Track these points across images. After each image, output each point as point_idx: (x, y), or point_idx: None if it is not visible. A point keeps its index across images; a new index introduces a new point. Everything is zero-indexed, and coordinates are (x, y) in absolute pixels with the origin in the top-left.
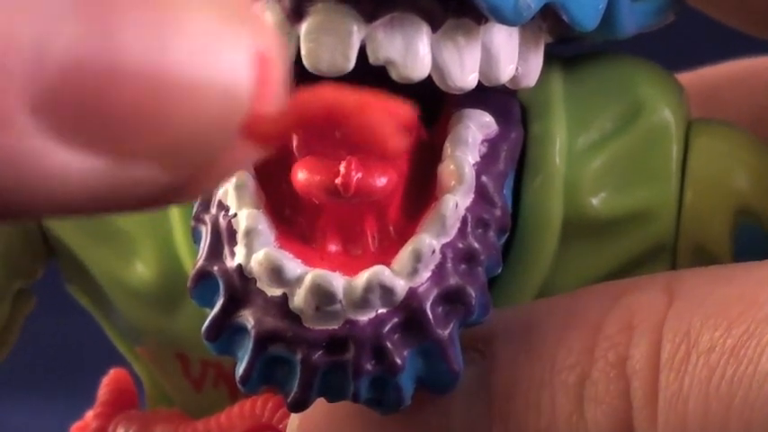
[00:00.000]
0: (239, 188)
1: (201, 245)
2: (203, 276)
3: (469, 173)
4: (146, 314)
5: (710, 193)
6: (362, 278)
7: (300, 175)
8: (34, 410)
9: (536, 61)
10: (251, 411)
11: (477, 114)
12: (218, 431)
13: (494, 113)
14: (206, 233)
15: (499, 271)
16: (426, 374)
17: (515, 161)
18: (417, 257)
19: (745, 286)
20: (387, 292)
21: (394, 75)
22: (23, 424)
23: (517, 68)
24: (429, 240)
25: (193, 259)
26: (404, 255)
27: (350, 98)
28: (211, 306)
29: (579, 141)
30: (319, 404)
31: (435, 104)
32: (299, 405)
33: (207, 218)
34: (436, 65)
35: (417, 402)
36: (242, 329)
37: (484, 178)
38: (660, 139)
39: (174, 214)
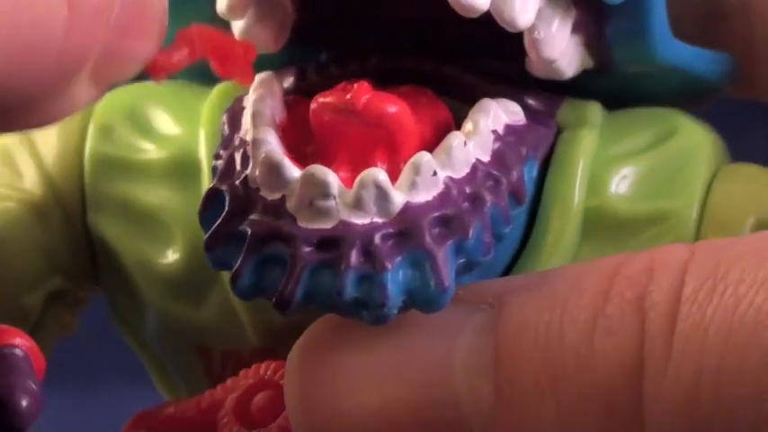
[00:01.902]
0: (255, 115)
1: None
2: (213, 197)
3: (485, 129)
4: (173, 303)
5: (733, 203)
6: (358, 177)
7: (314, 104)
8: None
9: (561, 34)
10: (254, 372)
11: (507, 102)
12: (223, 394)
13: (528, 117)
14: (221, 165)
15: (506, 230)
16: (415, 287)
17: (540, 153)
18: (416, 170)
19: None
20: (382, 196)
21: None
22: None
23: (538, 30)
24: (429, 158)
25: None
26: (404, 169)
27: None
28: None
29: (610, 150)
30: (319, 333)
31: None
32: (285, 302)
33: (224, 153)
34: None
35: (420, 335)
36: (240, 237)
37: (503, 148)
38: (691, 158)
39: None
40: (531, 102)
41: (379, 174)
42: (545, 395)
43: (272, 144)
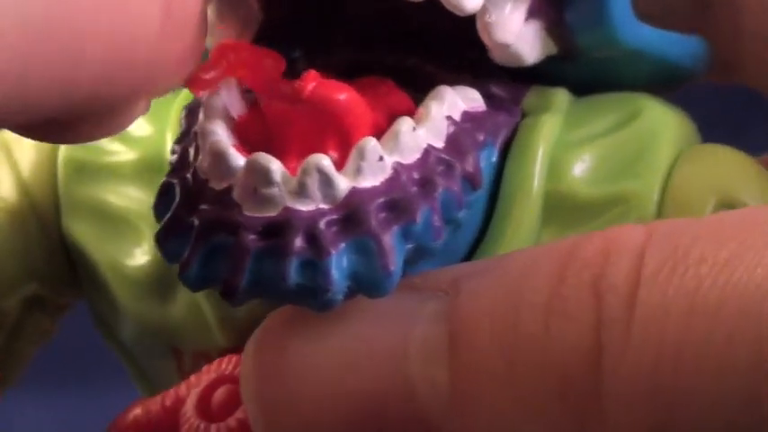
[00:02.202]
0: (207, 107)
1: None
2: (165, 191)
3: (438, 115)
4: (144, 304)
5: (694, 184)
6: (302, 163)
7: (265, 95)
8: (37, 406)
9: (514, 18)
10: (216, 367)
11: (465, 89)
12: (187, 389)
13: (490, 105)
14: (175, 158)
15: (460, 215)
16: (359, 271)
17: (500, 139)
18: (361, 155)
19: (741, 212)
20: (326, 182)
21: None
22: (26, 419)
23: (489, 14)
24: (374, 143)
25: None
26: (350, 155)
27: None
28: None
29: (572, 134)
30: (269, 341)
31: None
32: (231, 290)
33: (179, 147)
34: None
35: (375, 325)
36: (189, 228)
37: (458, 133)
38: (653, 139)
39: None
40: (495, 90)
41: (323, 159)
42: (501, 382)
43: (220, 134)
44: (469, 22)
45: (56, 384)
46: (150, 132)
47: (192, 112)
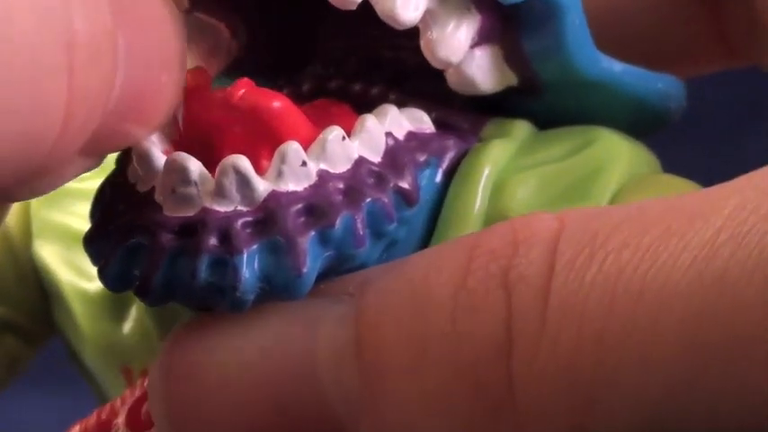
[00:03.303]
0: None
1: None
2: (99, 194)
3: (374, 129)
4: (99, 324)
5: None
6: (219, 164)
7: (201, 105)
8: (37, 406)
9: (456, 36)
10: (142, 383)
11: (414, 110)
12: (121, 403)
13: (441, 130)
14: (117, 166)
15: (390, 228)
16: (270, 272)
17: (446, 161)
18: (282, 158)
19: (662, 199)
20: (243, 183)
21: None
22: (26, 419)
23: (431, 31)
24: (296, 147)
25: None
26: (273, 158)
27: None
28: None
29: (522, 160)
30: (180, 344)
31: None
32: (144, 289)
33: (122, 156)
34: None
35: (282, 328)
36: (113, 231)
37: (396, 150)
38: (601, 167)
39: None
40: (454, 119)
41: (240, 160)
42: (410, 381)
43: (151, 139)
44: None
45: (56, 384)
46: (118, 156)
47: None
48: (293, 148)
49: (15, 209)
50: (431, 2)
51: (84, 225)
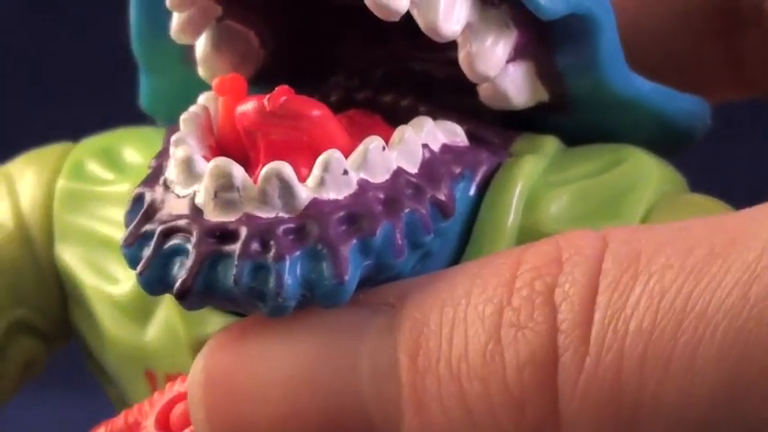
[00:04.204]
0: (184, 121)
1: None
2: (136, 200)
3: (412, 140)
4: (123, 328)
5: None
6: (262, 170)
7: (238, 109)
8: (49, 404)
9: (494, 51)
10: (179, 384)
11: (448, 123)
12: (150, 406)
13: (474, 144)
14: (150, 171)
15: (428, 239)
16: (312, 279)
17: (479, 174)
18: (324, 166)
19: (705, 219)
20: (286, 189)
21: None
22: (33, 418)
23: (470, 44)
24: (338, 155)
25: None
26: (314, 166)
27: None
28: None
29: (553, 176)
30: (223, 348)
31: None
32: (184, 292)
33: (155, 162)
34: None
35: (325, 340)
36: (152, 234)
37: (432, 162)
38: (633, 185)
39: None
40: (485, 133)
41: (283, 167)
42: (453, 396)
43: (189, 143)
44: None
45: (56, 384)
46: (144, 162)
47: (172, 131)
48: (335, 156)
49: (38, 211)
50: (471, 16)
51: (108, 229)
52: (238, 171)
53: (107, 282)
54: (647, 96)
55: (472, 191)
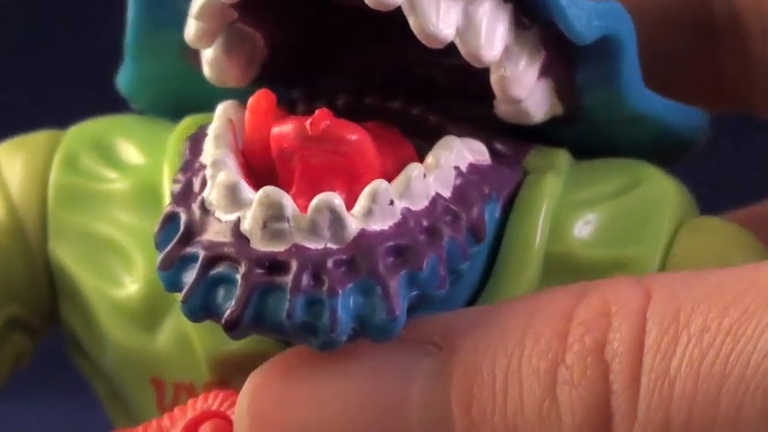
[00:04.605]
0: (216, 138)
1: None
2: (169, 219)
3: (446, 164)
4: (129, 332)
5: (695, 255)
6: (313, 201)
7: (275, 129)
8: (48, 406)
9: (528, 74)
10: (203, 401)
11: (472, 141)
12: (170, 422)
13: (494, 159)
14: (178, 187)
15: (464, 266)
16: (365, 314)
17: (503, 194)
18: (373, 197)
19: (741, 273)
20: (336, 221)
21: None
22: (37, 420)
23: (505, 68)
24: (386, 186)
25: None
26: (360, 196)
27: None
28: None
29: (575, 194)
30: (268, 386)
31: None
32: (233, 323)
33: (183, 177)
34: (411, 2)
35: (372, 379)
36: (193, 258)
37: (464, 185)
38: (655, 208)
39: None
40: (498, 146)
41: (335, 198)
42: None
43: (230, 166)
44: (472, 76)
45: (56, 385)
46: (145, 162)
47: (196, 143)
48: (383, 187)
49: (31, 204)
50: (508, 39)
51: (110, 230)
52: (288, 201)
53: (110, 284)
54: (657, 111)
55: (498, 212)
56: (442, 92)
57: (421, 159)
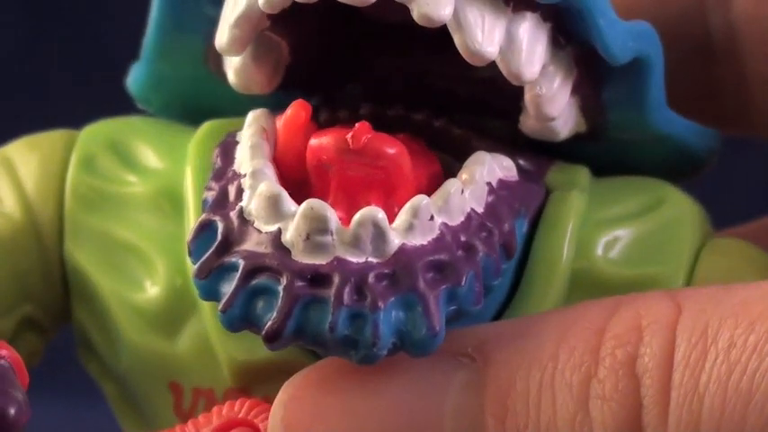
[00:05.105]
0: (253, 147)
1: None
2: (204, 226)
3: (481, 180)
4: (148, 336)
5: (719, 276)
6: (356, 214)
7: (313, 141)
8: (48, 406)
9: (562, 93)
10: (228, 409)
11: (500, 157)
12: (195, 429)
13: (521, 177)
14: (213, 196)
15: (496, 283)
16: (406, 329)
17: (531, 211)
18: (414, 213)
19: (766, 289)
20: (379, 235)
21: (415, 13)
22: (38, 420)
23: (541, 86)
24: (427, 201)
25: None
26: (402, 211)
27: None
28: None
29: (599, 212)
30: (302, 398)
31: None
32: (274, 335)
33: (216, 185)
34: (458, 20)
35: (408, 391)
36: (231, 268)
37: (496, 201)
38: (679, 228)
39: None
40: (521, 161)
41: (378, 213)
42: None
43: (270, 176)
44: (493, 90)
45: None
46: (166, 166)
47: (227, 150)
48: (425, 203)
49: (47, 204)
50: (545, 58)
51: (129, 234)
52: (332, 214)
53: (129, 287)
54: (678, 131)
55: (525, 227)
56: (462, 104)
57: (445, 172)
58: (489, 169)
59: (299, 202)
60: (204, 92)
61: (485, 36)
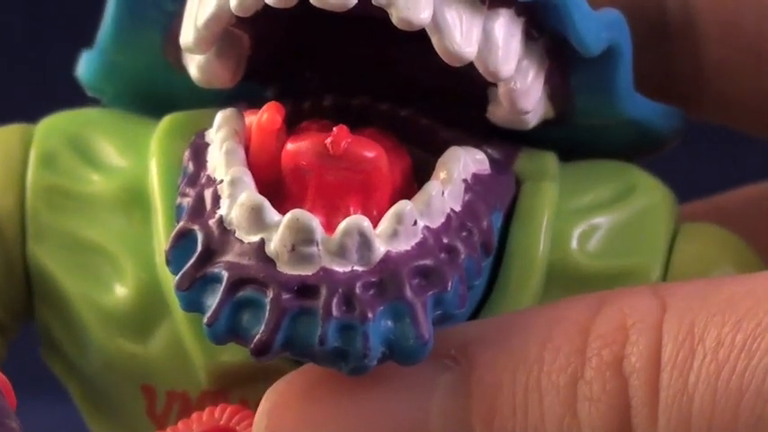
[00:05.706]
0: (229, 153)
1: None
2: (183, 235)
3: (458, 178)
4: (118, 339)
5: (695, 263)
6: (341, 224)
7: (290, 146)
8: (48, 406)
9: (535, 86)
10: (208, 416)
11: (472, 150)
12: None
13: (492, 169)
14: (189, 202)
15: (477, 282)
16: (395, 339)
17: (505, 204)
18: (398, 219)
19: (752, 284)
20: (364, 243)
21: (394, 17)
22: (38, 420)
23: (515, 81)
24: (411, 207)
25: (173, 282)
26: (385, 218)
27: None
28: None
29: (571, 202)
30: (287, 406)
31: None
32: (264, 348)
33: (191, 191)
34: (436, 22)
35: (392, 395)
36: (214, 279)
37: (473, 198)
38: (652, 217)
39: (159, 235)
40: (489, 150)
41: (363, 222)
42: None
43: (250, 185)
44: (456, 77)
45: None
46: (128, 163)
47: (198, 153)
48: (408, 209)
49: (10, 207)
50: (521, 52)
51: (96, 234)
52: (317, 225)
53: (97, 289)
54: (644, 114)
55: (500, 221)
56: (425, 92)
57: (414, 165)
58: (464, 165)
59: (275, 206)
60: (160, 81)
61: (463, 37)
